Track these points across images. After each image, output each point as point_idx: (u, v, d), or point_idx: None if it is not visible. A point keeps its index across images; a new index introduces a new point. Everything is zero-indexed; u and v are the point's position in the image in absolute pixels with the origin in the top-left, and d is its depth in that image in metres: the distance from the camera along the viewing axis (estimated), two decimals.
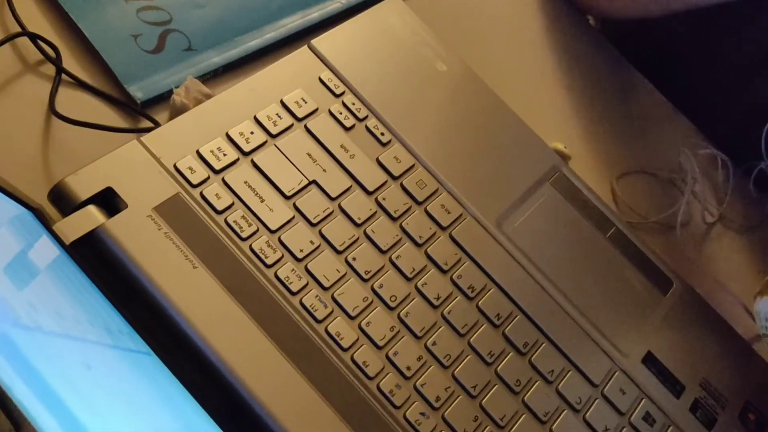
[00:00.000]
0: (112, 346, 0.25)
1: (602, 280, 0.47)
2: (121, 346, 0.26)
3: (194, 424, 0.27)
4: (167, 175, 0.38)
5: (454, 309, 0.42)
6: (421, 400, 0.38)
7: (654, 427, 0.43)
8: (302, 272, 0.39)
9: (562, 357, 0.43)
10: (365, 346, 0.38)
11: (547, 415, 0.41)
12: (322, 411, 0.36)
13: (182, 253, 0.36)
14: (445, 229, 0.44)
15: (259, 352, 0.36)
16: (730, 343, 0.50)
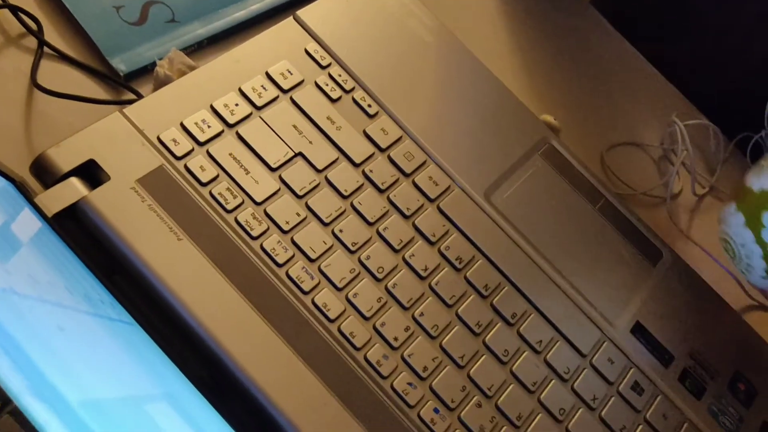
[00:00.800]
0: (90, 313, 0.25)
1: (591, 251, 0.47)
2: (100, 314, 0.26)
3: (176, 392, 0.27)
4: (150, 147, 0.38)
5: (442, 280, 0.41)
6: (408, 370, 0.38)
7: (642, 397, 0.43)
8: (288, 244, 0.39)
9: (551, 327, 0.43)
10: (352, 317, 0.38)
11: (535, 385, 0.41)
12: (309, 381, 0.36)
13: (166, 226, 0.36)
14: (432, 201, 0.44)
15: (244, 324, 0.36)
16: (720, 313, 0.50)
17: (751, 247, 0.41)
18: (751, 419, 0.46)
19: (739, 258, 0.43)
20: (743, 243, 0.42)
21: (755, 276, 0.43)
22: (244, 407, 0.35)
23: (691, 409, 0.44)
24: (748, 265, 0.43)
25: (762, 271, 0.42)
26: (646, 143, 0.58)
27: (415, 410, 0.37)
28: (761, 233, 0.40)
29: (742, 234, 0.42)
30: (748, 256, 0.42)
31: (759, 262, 0.42)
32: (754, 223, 0.41)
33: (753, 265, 0.42)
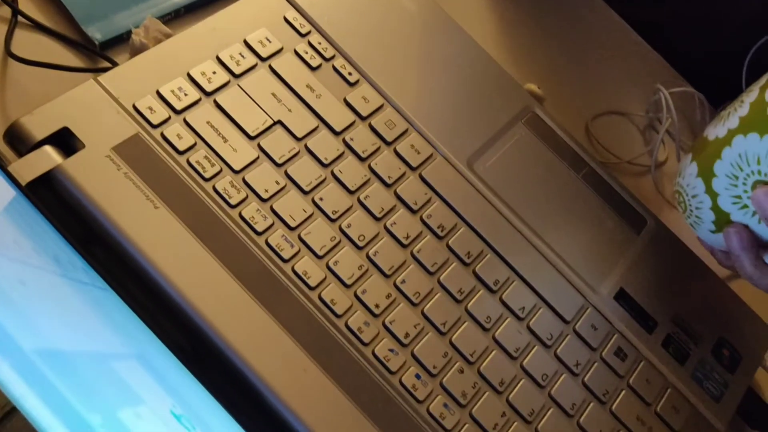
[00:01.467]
0: (58, 274, 0.24)
1: (575, 218, 0.47)
2: (70, 276, 0.26)
3: (149, 354, 0.27)
4: (126, 115, 0.37)
5: (424, 248, 0.41)
6: (389, 336, 0.38)
7: (626, 362, 0.43)
8: (267, 212, 0.38)
9: (534, 294, 0.43)
10: (333, 284, 0.38)
11: (517, 351, 0.41)
12: (289, 348, 0.35)
13: (143, 194, 0.36)
14: (414, 170, 0.44)
15: (224, 292, 0.35)
16: (705, 280, 0.50)
17: (702, 198, 0.41)
18: (735, 384, 0.46)
19: (690, 211, 0.42)
20: (695, 194, 0.41)
21: (703, 230, 0.42)
22: (224, 375, 0.35)
23: (674, 375, 0.44)
24: (697, 218, 0.42)
25: (710, 223, 0.41)
26: (631, 112, 0.57)
27: (397, 376, 0.37)
28: (712, 183, 0.40)
29: (694, 184, 0.41)
30: (698, 208, 0.41)
31: (708, 214, 0.41)
32: (706, 172, 0.40)
33: (702, 217, 0.42)
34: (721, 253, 0.45)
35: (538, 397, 0.40)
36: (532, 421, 0.39)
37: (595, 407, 0.41)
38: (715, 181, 0.40)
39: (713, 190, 0.41)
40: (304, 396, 0.35)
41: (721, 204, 0.41)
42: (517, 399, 0.39)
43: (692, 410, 0.44)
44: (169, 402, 0.24)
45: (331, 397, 0.35)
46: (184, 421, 0.23)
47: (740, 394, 0.46)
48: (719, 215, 0.41)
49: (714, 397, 0.45)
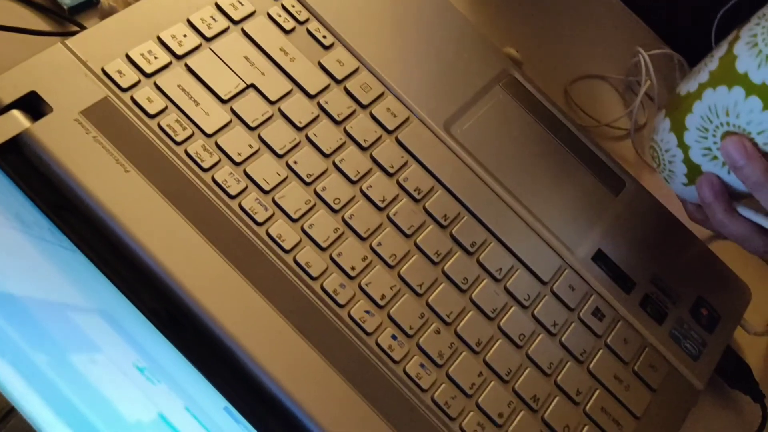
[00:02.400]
0: (19, 230, 0.24)
1: (553, 181, 0.47)
2: (33, 234, 0.25)
3: (113, 311, 0.26)
4: (95, 79, 0.37)
5: (400, 211, 0.41)
6: (366, 298, 0.38)
7: (603, 322, 0.43)
8: (241, 176, 0.38)
9: (511, 256, 0.43)
10: (308, 247, 0.38)
11: (494, 312, 0.41)
12: (264, 310, 0.35)
13: (113, 157, 0.35)
14: (391, 133, 0.43)
15: (196, 255, 0.35)
16: (684, 241, 0.50)
17: (674, 152, 0.41)
18: (714, 343, 0.46)
19: (663, 165, 0.43)
20: (668, 148, 0.42)
21: (677, 183, 0.43)
22: (198, 338, 0.35)
23: (652, 334, 0.44)
24: (670, 172, 0.43)
25: (683, 176, 0.42)
26: (610, 75, 0.57)
27: (373, 337, 0.37)
28: (684, 137, 0.40)
29: (667, 139, 0.42)
30: (671, 162, 0.42)
31: (680, 167, 0.41)
32: (678, 126, 0.41)
33: (675, 171, 0.42)
34: (692, 206, 0.45)
35: (515, 357, 0.40)
36: (509, 381, 0.39)
37: (573, 366, 0.41)
38: (686, 135, 0.41)
39: (685, 143, 0.41)
40: (279, 357, 0.35)
41: (693, 157, 0.41)
42: (495, 359, 0.40)
43: (670, 369, 0.44)
44: (133, 356, 0.24)
45: (306, 357, 0.35)
46: (147, 374, 0.23)
47: (718, 353, 0.46)
48: (691, 168, 0.41)
49: (692, 355, 0.45)
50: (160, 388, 0.23)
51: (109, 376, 0.19)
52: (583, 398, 0.41)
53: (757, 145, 0.38)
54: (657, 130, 0.43)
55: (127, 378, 0.21)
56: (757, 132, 0.38)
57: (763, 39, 0.37)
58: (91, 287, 0.27)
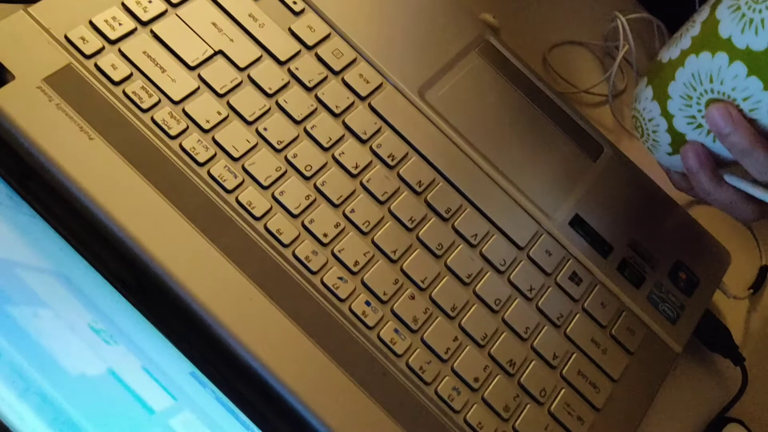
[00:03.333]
0: None
1: (530, 147, 0.46)
2: None
3: (72, 275, 0.26)
4: (57, 46, 0.36)
5: (374, 177, 0.41)
6: (339, 265, 0.38)
7: (580, 286, 0.43)
8: (209, 143, 0.38)
9: (486, 221, 0.43)
10: (279, 214, 0.38)
11: (470, 277, 0.41)
12: (234, 278, 0.35)
13: (76, 125, 0.35)
14: (363, 99, 0.43)
15: (165, 223, 0.35)
16: (662, 206, 0.50)
17: (658, 121, 0.41)
18: (692, 307, 0.46)
19: (647, 135, 0.42)
20: (651, 117, 0.41)
21: (661, 152, 0.42)
22: (168, 307, 0.34)
23: (629, 298, 0.44)
24: (654, 141, 0.42)
25: (667, 145, 0.41)
26: (589, 41, 0.56)
27: (346, 303, 0.37)
28: (667, 105, 0.40)
29: (650, 108, 0.41)
30: (655, 131, 0.41)
31: (664, 137, 0.41)
32: (661, 95, 0.40)
33: (659, 140, 0.41)
34: (677, 175, 0.45)
35: (491, 322, 0.40)
36: (485, 345, 0.39)
37: (549, 330, 0.41)
38: (670, 103, 0.40)
39: (668, 112, 0.40)
40: (251, 324, 0.34)
41: (677, 125, 0.40)
42: (470, 324, 0.39)
43: (648, 332, 0.44)
44: (88, 317, 0.23)
45: (278, 324, 0.35)
46: (104, 335, 0.23)
47: (697, 317, 0.46)
48: (675, 137, 0.41)
49: (670, 319, 0.45)
50: (117, 349, 0.23)
51: (54, 331, 0.19)
52: (560, 362, 0.41)
53: (743, 111, 0.37)
54: (639, 99, 0.43)
55: (76, 335, 0.20)
56: (742, 98, 0.37)
57: (746, 2, 0.36)
58: (48, 251, 0.27)
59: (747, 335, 0.51)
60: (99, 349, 0.22)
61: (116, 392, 0.20)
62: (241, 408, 0.30)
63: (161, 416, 0.22)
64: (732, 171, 0.41)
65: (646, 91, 0.41)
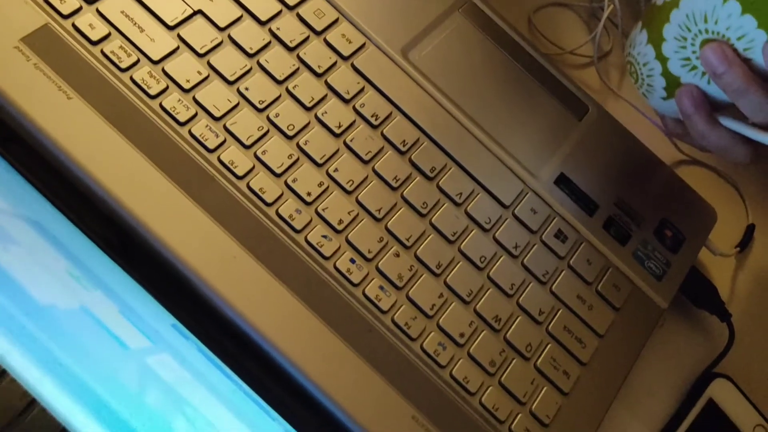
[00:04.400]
0: None
1: (514, 106, 0.46)
2: None
3: (47, 223, 0.26)
4: (35, 6, 0.36)
5: (357, 136, 0.41)
6: (323, 223, 0.38)
7: (566, 244, 0.43)
8: (190, 103, 0.37)
9: (471, 180, 0.43)
10: (262, 173, 0.37)
11: (455, 235, 0.41)
12: (217, 236, 0.35)
13: (55, 85, 0.35)
14: (346, 59, 0.43)
15: (146, 181, 0.35)
16: (649, 165, 0.50)
17: (652, 65, 0.40)
18: (678, 264, 0.46)
19: (641, 80, 0.42)
20: (645, 61, 0.41)
21: (656, 97, 0.42)
22: (151, 266, 0.34)
23: (615, 255, 0.44)
24: (649, 86, 0.42)
25: (661, 90, 0.41)
26: (574, 2, 0.56)
27: (331, 261, 0.37)
28: (662, 48, 0.39)
29: (645, 52, 0.41)
30: (650, 75, 0.41)
31: (659, 81, 0.41)
32: (656, 38, 0.40)
33: (653, 85, 0.41)
34: (672, 121, 0.44)
35: (476, 279, 0.40)
36: (470, 302, 0.39)
37: (535, 287, 0.41)
38: (664, 46, 0.40)
39: (663, 54, 0.40)
40: (234, 281, 0.34)
41: (671, 68, 0.40)
42: (455, 281, 0.39)
43: (633, 288, 0.44)
44: (65, 264, 0.23)
45: (261, 281, 0.35)
46: (81, 282, 0.23)
47: (683, 274, 0.46)
48: (670, 80, 0.41)
49: (656, 275, 0.45)
50: (94, 294, 0.23)
51: (25, 265, 0.19)
52: (546, 318, 0.41)
53: (737, 51, 0.37)
54: (633, 44, 0.42)
55: (50, 274, 0.20)
56: (736, 37, 0.36)
57: None
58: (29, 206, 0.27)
59: (734, 293, 0.52)
60: (74, 290, 0.21)
61: (89, 326, 0.20)
62: (224, 360, 0.30)
63: (137, 353, 0.22)
64: (727, 113, 0.41)
65: (640, 35, 0.41)
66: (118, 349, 0.20)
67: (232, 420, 0.27)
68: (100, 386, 0.20)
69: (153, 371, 0.23)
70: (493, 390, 0.38)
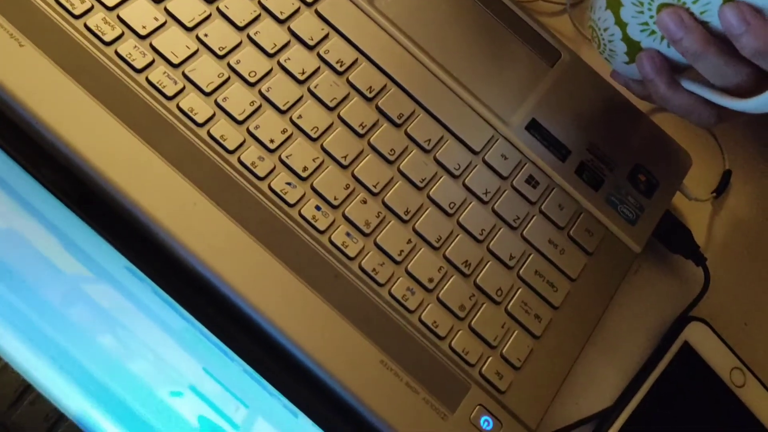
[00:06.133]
0: None
1: (484, 53, 0.45)
2: None
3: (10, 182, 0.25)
4: None
5: (321, 83, 0.40)
6: (287, 171, 0.37)
7: (537, 189, 0.43)
8: (147, 49, 0.36)
9: (440, 127, 0.42)
10: (222, 120, 0.37)
11: (424, 182, 0.40)
12: (177, 184, 0.34)
13: (6, 32, 0.34)
14: (309, 5, 0.42)
15: (102, 130, 0.34)
16: (622, 111, 0.49)
17: (612, 30, 0.40)
18: (652, 209, 0.46)
19: (603, 45, 0.41)
20: (606, 27, 0.40)
21: (618, 61, 0.41)
22: (112, 216, 0.34)
23: (588, 200, 0.44)
24: (611, 51, 0.41)
25: (623, 54, 0.40)
26: None
27: (296, 208, 0.37)
28: (620, 13, 0.39)
29: (605, 17, 0.40)
30: (611, 41, 0.40)
31: (620, 45, 0.40)
32: (614, 3, 0.39)
33: (615, 50, 0.41)
34: (636, 84, 0.44)
35: (445, 225, 0.40)
36: (439, 247, 0.39)
37: (506, 232, 0.41)
38: (622, 11, 0.39)
39: (622, 20, 0.39)
40: (195, 228, 0.34)
41: (631, 33, 0.40)
42: (424, 227, 0.39)
43: (606, 233, 0.44)
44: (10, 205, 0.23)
45: (223, 227, 0.34)
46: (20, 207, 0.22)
47: (656, 218, 0.46)
48: (630, 45, 0.40)
49: (629, 220, 0.45)
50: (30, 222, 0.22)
51: None
52: (517, 263, 0.40)
53: (694, 14, 0.36)
54: (594, 9, 0.42)
55: None
56: (692, 1, 0.36)
57: None
58: None
59: (710, 238, 0.51)
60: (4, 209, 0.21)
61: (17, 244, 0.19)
62: (183, 304, 0.29)
63: (73, 278, 0.21)
64: (689, 76, 0.40)
65: (600, 1, 0.40)
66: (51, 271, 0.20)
67: (181, 353, 0.26)
68: (17, 298, 0.19)
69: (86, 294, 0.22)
70: (462, 334, 0.37)
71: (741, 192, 0.54)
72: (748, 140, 0.57)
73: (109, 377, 0.22)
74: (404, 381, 0.35)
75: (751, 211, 0.54)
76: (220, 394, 0.26)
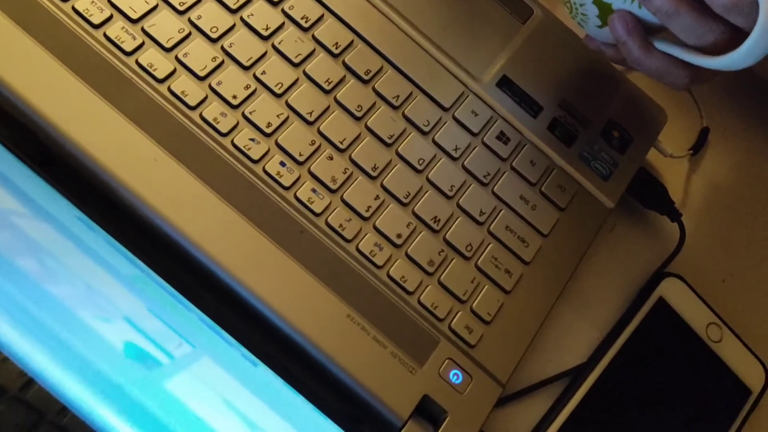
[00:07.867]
0: None
1: (455, 8, 0.45)
2: None
3: None
4: None
5: (286, 39, 0.39)
6: (250, 126, 0.37)
7: (508, 146, 0.42)
8: (104, 5, 0.36)
9: (409, 83, 0.41)
10: (184, 76, 0.36)
11: (392, 138, 0.40)
12: (136, 138, 0.34)
13: None
14: None
15: (57, 84, 0.33)
16: (596, 67, 0.48)
17: None
18: (626, 164, 0.46)
19: (575, 10, 0.41)
20: None
21: (590, 26, 0.41)
22: (71, 174, 0.33)
23: (560, 156, 0.44)
24: (583, 15, 0.41)
25: (595, 18, 0.40)
26: None
27: (260, 164, 0.36)
28: None
29: None
30: (582, 5, 0.40)
31: (592, 9, 0.40)
32: None
33: (587, 14, 0.40)
34: (610, 48, 0.44)
35: (414, 181, 0.39)
36: (408, 204, 0.39)
37: (476, 188, 0.40)
38: None
39: None
40: (155, 183, 0.33)
41: None
42: (392, 183, 0.38)
43: (579, 188, 0.43)
44: None
45: (185, 183, 0.34)
46: None
47: (630, 174, 0.46)
48: (602, 8, 0.40)
49: (602, 176, 0.44)
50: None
51: None
52: (487, 218, 0.40)
53: None
54: None
55: None
56: None
57: None
58: None
59: (687, 195, 0.51)
60: None
61: None
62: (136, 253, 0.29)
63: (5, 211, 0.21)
64: (662, 37, 0.40)
65: None
66: None
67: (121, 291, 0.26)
68: None
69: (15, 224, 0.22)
70: (431, 289, 0.37)
71: (718, 149, 0.54)
72: (725, 99, 0.57)
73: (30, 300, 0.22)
74: (371, 335, 0.35)
75: (728, 169, 0.54)
76: (162, 330, 0.26)
